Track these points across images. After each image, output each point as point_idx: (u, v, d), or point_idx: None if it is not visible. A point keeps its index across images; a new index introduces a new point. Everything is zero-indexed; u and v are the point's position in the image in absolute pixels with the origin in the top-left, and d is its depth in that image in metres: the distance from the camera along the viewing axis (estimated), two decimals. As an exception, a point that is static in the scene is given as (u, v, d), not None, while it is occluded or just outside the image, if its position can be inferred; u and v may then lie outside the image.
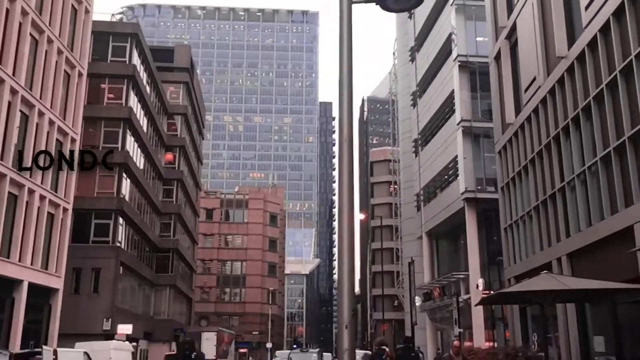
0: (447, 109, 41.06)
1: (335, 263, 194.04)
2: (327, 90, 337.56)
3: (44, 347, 20.90)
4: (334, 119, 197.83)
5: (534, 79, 19.60)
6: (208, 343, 45.52)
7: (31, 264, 28.59)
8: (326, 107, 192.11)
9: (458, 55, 37.75)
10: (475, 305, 22.49)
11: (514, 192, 22.05)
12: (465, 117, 36.77)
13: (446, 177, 41.31)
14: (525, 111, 20.64)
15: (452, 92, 38.91)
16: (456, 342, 12.44)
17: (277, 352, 43.50)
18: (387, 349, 13.49)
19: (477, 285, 31.53)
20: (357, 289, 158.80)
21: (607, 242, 14.97)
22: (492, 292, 26.23)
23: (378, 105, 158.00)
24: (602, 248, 15.36)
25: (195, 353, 9.95)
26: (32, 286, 28.40)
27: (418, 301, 41.56)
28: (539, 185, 19.45)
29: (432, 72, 44.89)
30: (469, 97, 37.76)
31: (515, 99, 22.21)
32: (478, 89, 37.04)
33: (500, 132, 23.99)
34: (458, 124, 36.92)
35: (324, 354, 30.35)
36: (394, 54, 65.49)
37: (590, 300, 15.75)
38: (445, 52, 41.56)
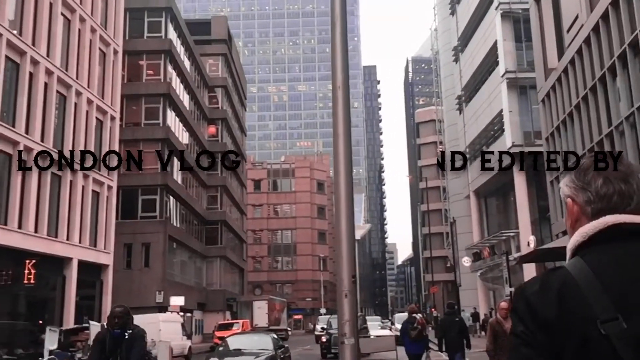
0: (490, 61, 39.45)
1: (387, 227, 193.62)
2: (371, 54, 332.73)
3: (90, 322, 21.26)
4: (379, 82, 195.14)
5: (577, 18, 18.23)
6: (259, 311, 46.07)
7: (79, 242, 29.20)
8: (370, 70, 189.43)
9: (500, 3, 36.02)
10: (515, 263, 21.58)
11: (560, 142, 20.84)
12: (509, 68, 35.20)
13: (492, 132, 39.89)
14: (569, 53, 19.31)
15: (495, 43, 37.28)
16: (503, 304, 9.76)
17: (319, 317, 43.64)
18: (418, 317, 12.87)
19: (528, 242, 30.44)
20: (409, 252, 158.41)
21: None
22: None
23: (423, 65, 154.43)
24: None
25: (130, 331, 6.28)
26: (82, 263, 29.07)
27: (467, 261, 40.67)
28: (585, 132, 18.25)
29: (474, 24, 43.12)
30: (513, 47, 36.11)
31: (557, 42, 20.83)
32: (523, 38, 35.26)
33: (543, 79, 22.66)
34: (502, 76, 35.40)
35: (371, 318, 30.07)
36: (434, 8, 63.26)
37: None
38: (486, 1, 39.75)
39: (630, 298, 1.29)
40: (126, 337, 6.32)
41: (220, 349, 13.38)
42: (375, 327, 31.00)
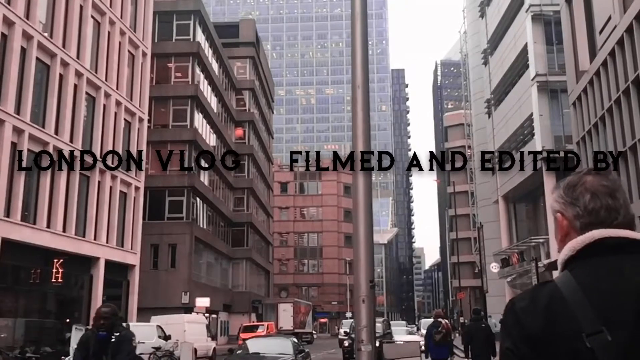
0: (520, 64, 38.77)
1: (415, 231, 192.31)
2: (399, 57, 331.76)
3: (115, 321, 21.42)
4: (407, 85, 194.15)
5: (609, 18, 17.74)
6: (285, 314, 46.04)
7: (107, 242, 29.51)
8: (399, 74, 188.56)
9: (531, 5, 35.36)
10: (544, 270, 21.08)
11: (591, 146, 20.31)
12: (540, 71, 34.49)
13: (521, 136, 39.18)
14: (601, 55, 18.80)
15: (526, 45, 36.60)
16: None
17: (343, 321, 43.42)
18: (443, 321, 12.77)
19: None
20: (437, 257, 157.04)
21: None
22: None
23: (452, 69, 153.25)
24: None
25: (117, 334, 5.64)
26: (109, 263, 29.37)
27: (495, 267, 39.98)
28: (618, 136, 17.73)
29: (504, 27, 42.48)
30: (544, 50, 35.40)
31: (589, 43, 20.32)
32: (554, 41, 34.55)
33: (574, 82, 22.13)
34: (532, 79, 34.72)
35: (396, 322, 29.67)
36: (463, 10, 62.63)
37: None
38: (517, 3, 39.10)
39: (615, 311, 1.32)
40: (113, 340, 5.65)
41: (239, 352, 13.26)
42: (402, 332, 30.61)
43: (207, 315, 36.20)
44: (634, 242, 1.43)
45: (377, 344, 17.57)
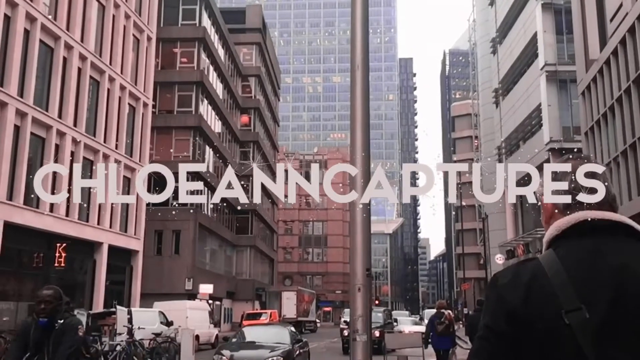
0: (529, 53, 38.35)
1: (420, 222, 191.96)
2: (407, 46, 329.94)
3: (117, 307, 21.37)
4: (414, 75, 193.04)
5: (620, 6, 17.35)
6: (288, 302, 45.97)
7: (110, 227, 29.43)
8: (406, 63, 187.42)
9: (540, -6, 34.88)
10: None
11: (599, 137, 19.99)
12: (549, 61, 34.09)
13: (529, 127, 38.83)
14: (611, 44, 18.42)
15: (535, 34, 36.17)
16: None
17: (345, 310, 43.35)
18: (446, 312, 12.68)
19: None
20: (442, 247, 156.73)
21: None
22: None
23: (460, 58, 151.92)
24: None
25: (61, 321, 4.80)
26: (112, 248, 29.30)
27: (500, 259, 39.76)
28: (627, 127, 17.40)
29: (513, 15, 41.98)
30: (553, 39, 34.97)
31: (600, 31, 19.92)
32: (564, 31, 34.09)
33: (583, 71, 21.76)
34: (541, 69, 34.32)
35: (398, 312, 29.52)
36: (472, -2, 61.88)
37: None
38: (527, -9, 38.64)
39: (594, 289, 1.36)
40: (56, 327, 4.80)
41: (234, 339, 13.08)
42: (408, 322, 30.37)
43: (210, 302, 36.16)
44: (616, 224, 1.47)
45: (378, 334, 17.43)
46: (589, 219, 1.46)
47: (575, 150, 29.91)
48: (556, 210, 1.56)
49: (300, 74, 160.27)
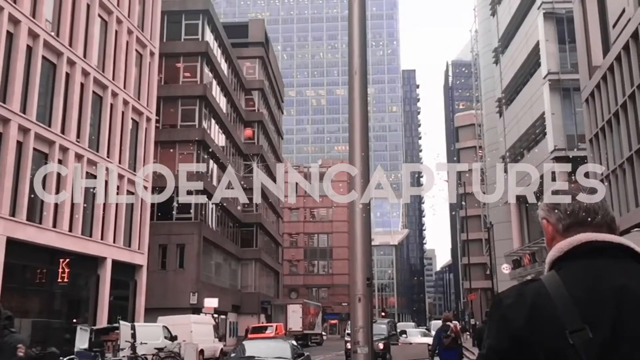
0: (532, 62, 38.29)
1: (426, 233, 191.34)
2: (410, 58, 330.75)
3: (121, 322, 21.25)
4: (418, 86, 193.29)
5: (623, 11, 17.27)
6: (294, 315, 45.71)
7: (114, 242, 29.33)
8: (409, 74, 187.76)
9: (542, 3, 34.91)
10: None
11: (604, 144, 19.83)
12: (552, 69, 34.03)
13: (533, 135, 38.68)
14: (614, 50, 18.33)
15: (537, 44, 36.14)
16: None
17: (348, 322, 42.97)
18: (451, 325, 12.55)
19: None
20: (448, 258, 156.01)
21: None
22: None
23: (463, 69, 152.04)
24: None
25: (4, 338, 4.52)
26: (116, 263, 29.20)
27: (507, 269, 39.46)
28: (632, 133, 17.25)
29: (515, 25, 42.00)
30: (556, 48, 34.93)
31: (602, 38, 19.84)
32: (566, 39, 34.04)
33: (587, 78, 21.64)
34: (544, 78, 34.24)
35: (404, 324, 29.23)
36: (474, 9, 62.06)
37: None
38: (528, 0, 38.65)
39: (596, 310, 1.38)
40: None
41: (232, 354, 12.89)
42: (416, 334, 29.96)
43: (215, 316, 35.97)
44: (617, 246, 1.50)
45: (382, 347, 17.21)
46: (590, 241, 1.50)
47: (578, 159, 29.75)
48: (557, 232, 1.60)
49: (303, 87, 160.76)
